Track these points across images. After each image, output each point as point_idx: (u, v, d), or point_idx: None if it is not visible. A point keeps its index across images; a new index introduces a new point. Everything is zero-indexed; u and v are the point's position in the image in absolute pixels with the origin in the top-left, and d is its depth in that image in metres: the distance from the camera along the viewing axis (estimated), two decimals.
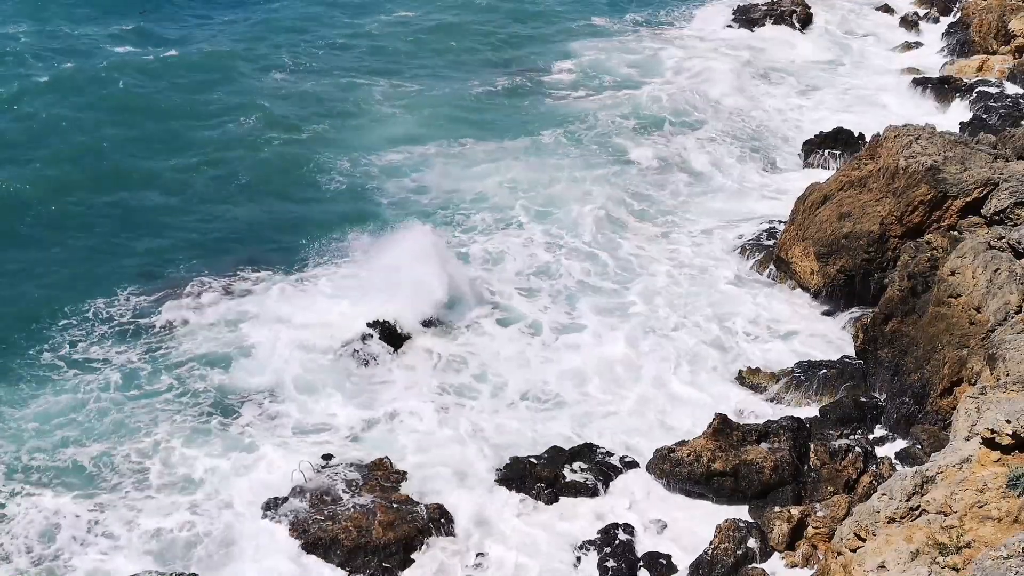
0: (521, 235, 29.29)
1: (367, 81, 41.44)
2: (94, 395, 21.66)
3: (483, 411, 21.76)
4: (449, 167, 33.43)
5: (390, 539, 17.65)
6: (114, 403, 21.46)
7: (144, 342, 23.67)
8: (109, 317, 24.56)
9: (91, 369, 22.54)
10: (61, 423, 20.70)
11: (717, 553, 17.28)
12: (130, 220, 29.39)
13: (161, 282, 26.28)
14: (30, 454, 19.82)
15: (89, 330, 24.00)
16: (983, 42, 44.47)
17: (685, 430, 20.65)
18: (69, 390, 21.75)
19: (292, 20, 49.35)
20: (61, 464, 19.66)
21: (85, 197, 30.31)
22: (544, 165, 33.52)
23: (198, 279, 26.32)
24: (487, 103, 39.84)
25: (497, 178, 32.32)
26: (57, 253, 27.28)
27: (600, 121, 37.61)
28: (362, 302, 24.26)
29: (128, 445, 20.19)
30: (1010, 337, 17.49)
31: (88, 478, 19.39)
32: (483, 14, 51.43)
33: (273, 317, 24.35)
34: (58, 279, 25.96)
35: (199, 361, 22.99)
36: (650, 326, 24.85)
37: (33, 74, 39.11)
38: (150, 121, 36.14)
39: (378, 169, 33.32)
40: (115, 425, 20.76)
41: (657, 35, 49.78)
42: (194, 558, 17.63)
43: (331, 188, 32.09)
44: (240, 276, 26.58)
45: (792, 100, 41.17)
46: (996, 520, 12.48)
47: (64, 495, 18.81)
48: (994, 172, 23.78)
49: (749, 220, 30.43)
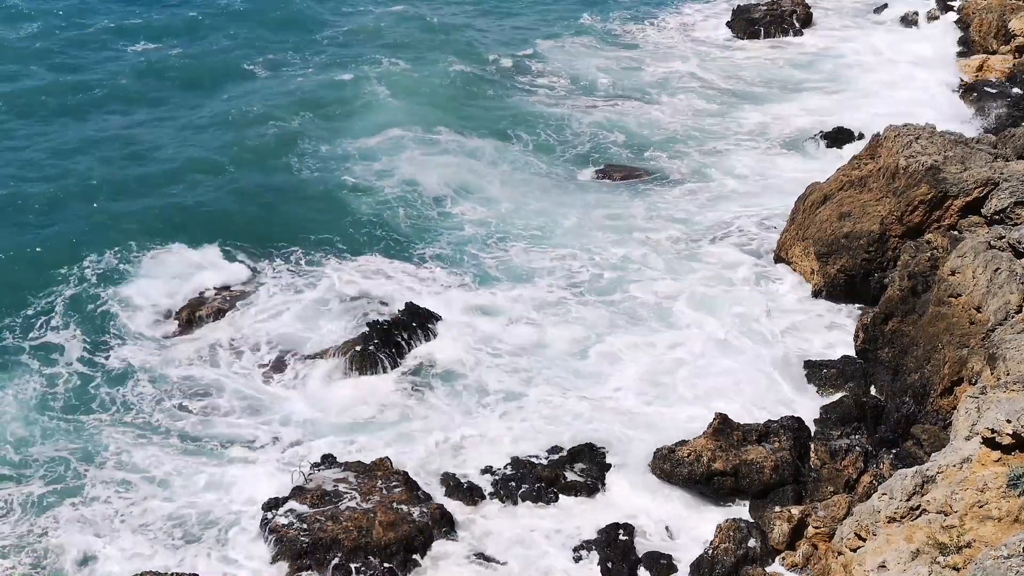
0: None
1: (350, 72, 41.75)
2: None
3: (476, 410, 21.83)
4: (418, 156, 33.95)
5: (390, 539, 17.64)
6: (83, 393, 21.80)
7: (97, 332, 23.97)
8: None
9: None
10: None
11: (717, 553, 17.28)
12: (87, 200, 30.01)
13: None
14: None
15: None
16: (983, 42, 44.46)
17: (685, 430, 20.63)
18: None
19: (276, 14, 49.76)
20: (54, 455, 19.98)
21: (51, 187, 30.76)
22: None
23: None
24: (467, 98, 40.00)
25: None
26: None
27: (574, 128, 37.13)
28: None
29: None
30: (1010, 337, 17.49)
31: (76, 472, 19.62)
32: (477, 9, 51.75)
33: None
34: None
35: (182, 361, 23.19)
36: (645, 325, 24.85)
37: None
38: (126, 107, 36.86)
39: (356, 153, 33.97)
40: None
41: (644, 39, 49.63)
42: (194, 558, 17.65)
43: (304, 172, 32.81)
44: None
45: (791, 100, 41.14)
46: (996, 520, 12.47)
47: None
48: (994, 172, 23.78)
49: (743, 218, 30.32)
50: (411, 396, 22.25)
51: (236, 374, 22.81)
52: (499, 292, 26.16)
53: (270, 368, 23.13)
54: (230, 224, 29.09)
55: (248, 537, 18.08)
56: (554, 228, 29.50)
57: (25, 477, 19.48)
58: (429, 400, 22.14)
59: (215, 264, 26.99)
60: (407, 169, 32.89)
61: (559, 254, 28.06)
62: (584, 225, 29.62)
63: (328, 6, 51.52)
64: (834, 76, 44.21)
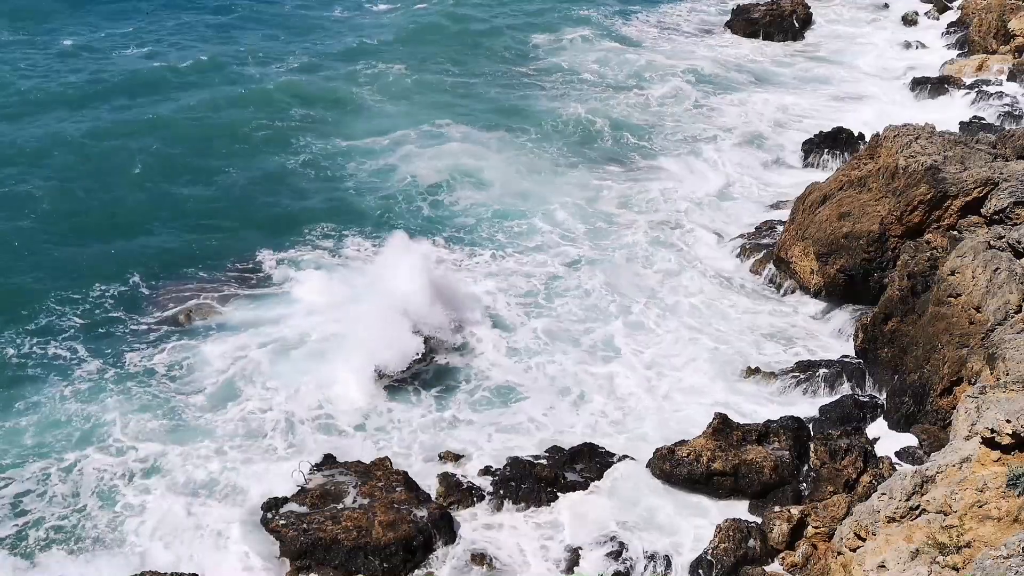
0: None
1: (354, 68, 42.09)
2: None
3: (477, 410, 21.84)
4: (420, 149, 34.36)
5: (390, 539, 17.63)
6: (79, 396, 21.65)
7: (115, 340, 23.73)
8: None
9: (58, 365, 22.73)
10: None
11: (717, 553, 17.27)
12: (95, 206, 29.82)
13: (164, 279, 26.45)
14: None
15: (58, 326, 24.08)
16: (983, 41, 44.50)
17: (685, 430, 20.65)
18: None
19: (273, 15, 49.83)
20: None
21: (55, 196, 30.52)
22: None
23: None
24: (470, 92, 40.29)
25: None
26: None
27: (574, 122, 37.68)
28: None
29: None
30: (1010, 336, 17.50)
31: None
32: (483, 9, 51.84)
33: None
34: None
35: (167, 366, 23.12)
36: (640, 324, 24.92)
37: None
38: (129, 113, 36.60)
39: (356, 153, 34.24)
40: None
41: (643, 37, 49.78)
42: (195, 558, 17.66)
43: (303, 170, 32.99)
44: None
45: (790, 99, 41.16)
46: (996, 520, 12.48)
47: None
48: (994, 172, 23.78)
49: (746, 221, 30.49)
50: (411, 395, 22.25)
51: (236, 373, 22.77)
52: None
53: (271, 366, 23.10)
54: (230, 224, 29.14)
55: (248, 537, 18.05)
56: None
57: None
58: (429, 399, 22.11)
59: (215, 264, 26.93)
60: (408, 165, 33.11)
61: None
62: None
63: (329, 5, 51.74)
64: (834, 76, 44.29)
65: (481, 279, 26.84)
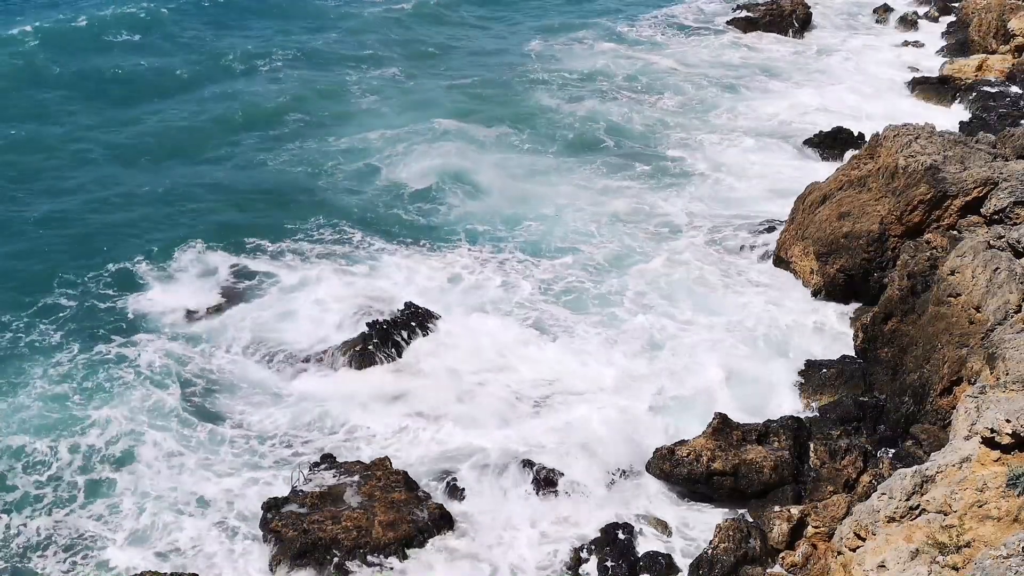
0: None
1: (349, 68, 42.08)
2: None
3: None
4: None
5: (390, 539, 17.64)
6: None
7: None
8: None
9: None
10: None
11: (717, 553, 17.26)
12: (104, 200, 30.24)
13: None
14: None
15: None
16: (982, 41, 44.48)
17: (685, 430, 20.63)
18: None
19: (274, 13, 49.89)
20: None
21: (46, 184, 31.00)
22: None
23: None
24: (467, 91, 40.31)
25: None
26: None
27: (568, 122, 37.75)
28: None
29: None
30: (1010, 336, 17.49)
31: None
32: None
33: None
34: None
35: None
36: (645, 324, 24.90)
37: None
38: (125, 107, 37.05)
39: (357, 152, 34.31)
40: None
41: (641, 35, 49.79)
42: (195, 557, 17.66)
43: (302, 170, 33.10)
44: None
45: (790, 99, 41.14)
46: (996, 519, 12.47)
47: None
48: (993, 171, 23.77)
49: (747, 219, 30.45)
50: (410, 395, 22.24)
51: (236, 373, 22.79)
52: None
53: (271, 366, 23.11)
54: (231, 224, 29.24)
55: (248, 537, 18.05)
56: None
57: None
58: (429, 400, 22.10)
59: (214, 264, 27.05)
60: (408, 165, 33.10)
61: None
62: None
63: (330, 4, 51.73)
64: (832, 75, 44.30)
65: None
